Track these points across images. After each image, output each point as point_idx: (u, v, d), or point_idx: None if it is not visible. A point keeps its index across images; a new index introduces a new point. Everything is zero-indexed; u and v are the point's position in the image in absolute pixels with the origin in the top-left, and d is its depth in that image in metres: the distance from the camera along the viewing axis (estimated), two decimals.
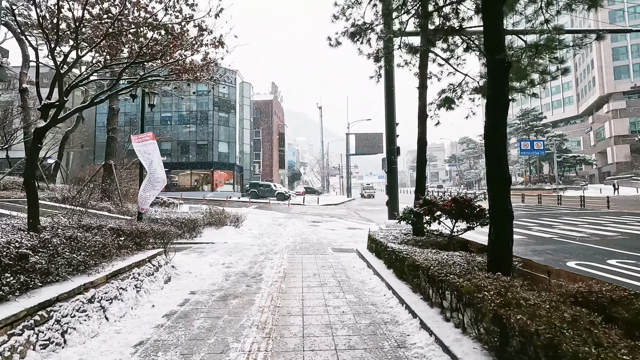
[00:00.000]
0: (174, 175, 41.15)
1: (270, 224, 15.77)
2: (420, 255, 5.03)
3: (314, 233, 13.11)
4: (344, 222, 17.84)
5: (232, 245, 9.76)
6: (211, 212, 11.70)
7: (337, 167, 72.63)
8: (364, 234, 13.63)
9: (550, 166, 59.72)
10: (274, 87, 57.84)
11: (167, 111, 40.40)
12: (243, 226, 12.67)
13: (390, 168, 9.97)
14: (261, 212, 21.36)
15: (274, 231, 13.30)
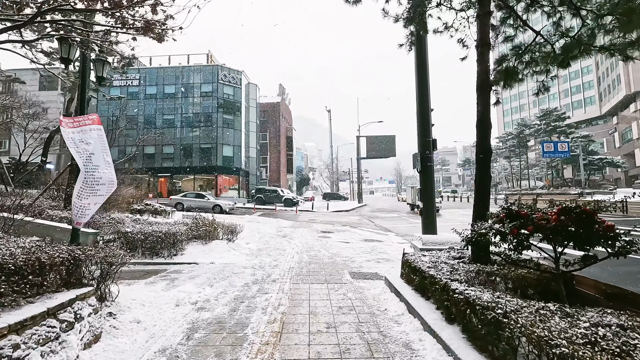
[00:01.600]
0: (177, 181, 39.41)
1: (274, 235, 13.50)
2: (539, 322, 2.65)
3: (324, 247, 10.80)
4: (359, 233, 15.50)
5: (218, 268, 7.52)
6: (197, 223, 9.50)
7: (347, 172, 70.29)
8: (384, 248, 11.30)
9: (575, 169, 56.35)
10: (281, 88, 56.03)
11: (169, 114, 38.76)
12: (239, 239, 10.44)
13: (424, 166, 7.64)
14: (265, 220, 19.15)
15: (276, 245, 11.02)
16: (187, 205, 24.07)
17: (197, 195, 25.29)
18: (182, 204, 24.27)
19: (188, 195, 25.51)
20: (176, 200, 24.79)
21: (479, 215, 5.01)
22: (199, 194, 25.82)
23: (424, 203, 7.70)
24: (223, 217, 17.93)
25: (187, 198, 24.77)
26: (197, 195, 25.46)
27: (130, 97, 38.60)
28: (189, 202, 24.33)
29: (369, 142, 48.86)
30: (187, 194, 25.89)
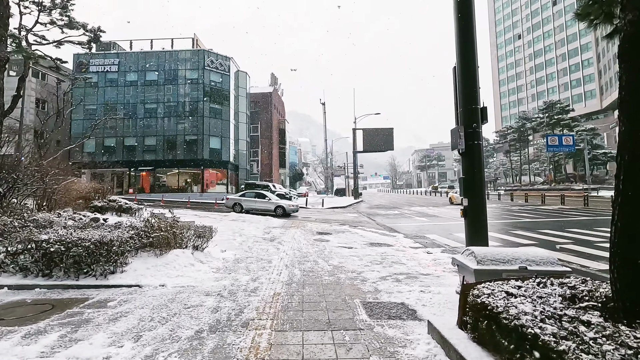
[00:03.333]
0: (161, 175, 36.64)
1: (259, 238, 11.05)
2: None
3: (322, 256, 8.41)
4: (361, 234, 13.14)
5: (168, 296, 5.07)
6: (153, 226, 7.00)
7: (342, 167, 67.96)
8: (397, 255, 8.95)
9: (577, 164, 54.74)
10: (273, 78, 53.21)
11: (151, 102, 35.84)
12: (210, 247, 8.00)
13: (470, 146, 5.25)
14: (252, 219, 16.68)
15: (260, 253, 8.59)
16: (246, 206, 20.15)
17: (256, 195, 20.74)
18: (241, 204, 20.23)
19: (247, 195, 21.05)
20: (234, 200, 20.65)
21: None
22: (259, 193, 21.07)
23: (468, 199, 5.33)
24: (192, 216, 15.53)
25: (246, 198, 20.54)
26: (257, 194, 20.84)
27: (109, 83, 35.58)
28: (249, 203, 20.23)
29: (366, 135, 46.53)
30: (246, 193, 21.45)
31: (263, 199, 20.28)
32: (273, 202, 20.15)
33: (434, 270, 7.49)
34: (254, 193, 21.27)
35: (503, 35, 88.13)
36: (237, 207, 20.35)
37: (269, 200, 20.21)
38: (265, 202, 19.99)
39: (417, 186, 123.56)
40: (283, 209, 19.74)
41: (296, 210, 20.79)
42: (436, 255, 9.34)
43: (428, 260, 8.75)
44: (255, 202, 20.08)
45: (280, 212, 19.65)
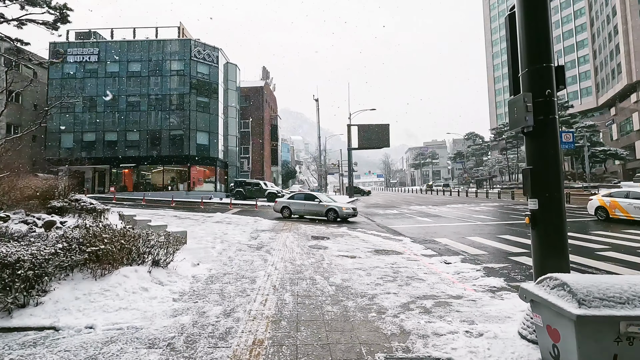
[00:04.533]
0: (146, 173, 34.53)
1: (244, 245, 9.30)
2: None
3: (320, 270, 6.71)
4: (363, 237, 11.49)
5: (89, 350, 3.30)
6: (94, 234, 5.20)
7: (336, 165, 66.33)
8: (412, 267, 7.30)
9: (574, 162, 53.87)
10: (264, 72, 51.16)
11: (134, 94, 33.61)
12: (179, 259, 6.23)
13: (540, 123, 3.56)
14: (240, 220, 14.90)
15: (243, 266, 6.85)
16: (294, 209, 17.67)
17: (306, 197, 18.13)
18: (289, 208, 17.73)
19: (296, 197, 18.36)
20: (282, 203, 18.10)
21: None
22: (309, 194, 18.53)
23: (539, 199, 3.64)
24: (164, 218, 13.77)
25: (294, 201, 17.94)
26: (306, 196, 18.23)
27: (88, 74, 33.25)
28: (297, 205, 17.70)
29: (361, 131, 44.88)
30: (295, 195, 18.71)
31: (312, 201, 17.47)
32: (324, 204, 17.09)
33: (463, 290, 5.85)
34: (303, 195, 18.65)
35: (498, 32, 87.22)
36: (286, 211, 17.76)
37: (320, 202, 17.20)
38: (315, 205, 17.19)
39: (410, 184, 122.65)
40: (335, 213, 16.45)
41: (354, 214, 16.93)
42: (458, 267, 7.73)
43: (450, 273, 7.13)
44: (304, 205, 17.46)
45: (332, 216, 16.43)
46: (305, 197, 18.17)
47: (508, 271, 7.29)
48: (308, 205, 17.44)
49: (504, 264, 7.93)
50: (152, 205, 22.72)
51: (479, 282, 6.45)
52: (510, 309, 4.76)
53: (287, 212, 17.75)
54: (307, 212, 17.47)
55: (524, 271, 7.25)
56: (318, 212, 17.08)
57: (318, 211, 17.06)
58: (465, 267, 7.61)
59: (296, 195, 18.74)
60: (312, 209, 17.23)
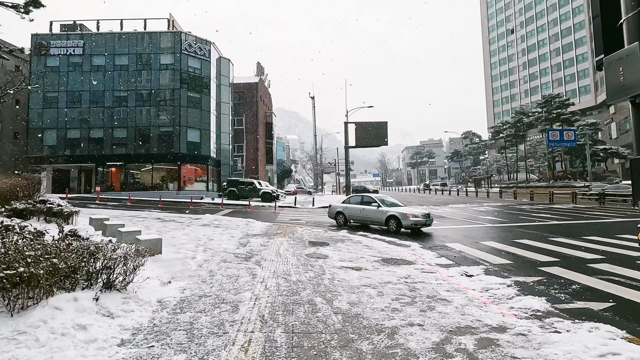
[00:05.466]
0: (135, 171, 33.01)
1: (230, 254, 7.99)
2: None
3: (322, 289, 5.45)
4: (366, 242, 10.28)
5: None
6: (17, 250, 3.85)
7: (332, 163, 65.10)
8: (430, 282, 6.07)
9: (574, 160, 53.11)
10: (259, 68, 49.69)
11: (121, 89, 32.04)
12: (143, 278, 4.92)
13: None
14: (229, 223, 13.58)
15: (224, 287, 5.55)
16: (350, 215, 14.34)
17: (362, 200, 14.50)
18: (344, 214, 14.49)
19: (352, 201, 14.91)
20: (336, 208, 15.02)
21: None
22: (366, 196, 14.76)
23: None
24: (146, 220, 12.44)
25: (350, 205, 14.57)
26: (363, 199, 14.54)
27: (72, 68, 31.62)
28: (353, 210, 14.29)
29: (359, 129, 43.54)
30: (351, 198, 15.14)
31: (368, 206, 13.79)
32: (383, 209, 13.25)
33: (501, 316, 4.65)
34: (359, 197, 14.71)
35: (496, 30, 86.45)
36: (340, 218, 14.52)
37: (378, 207, 13.43)
38: (374, 211, 13.50)
39: (407, 184, 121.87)
40: (398, 222, 12.58)
41: (424, 223, 12.61)
42: (483, 281, 6.50)
43: (477, 290, 5.91)
44: (361, 211, 13.98)
45: (394, 226, 12.67)
46: (362, 201, 14.36)
47: (545, 287, 6.09)
48: (366, 211, 13.80)
49: (536, 277, 6.73)
50: (137, 206, 21.30)
51: (517, 304, 5.24)
52: (581, 350, 3.54)
53: (342, 218, 14.48)
54: (364, 219, 13.97)
55: (565, 288, 6.05)
56: (377, 219, 13.42)
57: (377, 219, 13.40)
58: (492, 282, 6.40)
59: (352, 199, 15.07)
60: (370, 216, 13.63)
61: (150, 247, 7.02)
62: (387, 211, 13.11)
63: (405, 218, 12.48)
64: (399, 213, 12.76)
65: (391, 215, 12.88)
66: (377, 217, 13.34)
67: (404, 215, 12.54)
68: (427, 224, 12.67)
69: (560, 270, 7.09)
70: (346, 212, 14.41)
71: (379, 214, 13.32)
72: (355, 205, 14.36)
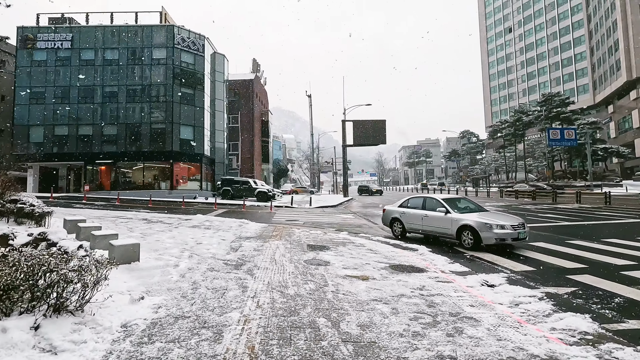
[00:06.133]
0: (127, 170, 31.93)
1: (219, 261, 7.08)
2: None
3: (324, 306, 4.57)
4: (370, 246, 9.40)
5: None
6: None
7: (329, 162, 64.27)
8: (448, 294, 5.14)
9: (574, 160, 52.68)
10: (255, 64, 48.66)
11: (111, 85, 30.92)
12: (108, 292, 4.00)
13: None
14: (221, 224, 12.66)
15: (207, 305, 4.65)
16: (408, 223, 10.93)
17: (423, 205, 10.85)
18: (401, 221, 11.11)
19: (411, 204, 11.27)
20: (392, 213, 11.59)
21: None
22: (429, 199, 11.04)
23: None
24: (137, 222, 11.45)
25: (409, 210, 11.10)
26: (424, 204, 10.85)
27: (60, 62, 30.43)
28: (413, 217, 10.86)
29: (357, 127, 42.75)
30: (411, 201, 11.47)
31: (433, 211, 10.12)
32: (454, 217, 9.62)
33: (546, 343, 3.84)
34: (421, 200, 11.07)
35: (493, 29, 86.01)
36: (397, 226, 11.28)
37: (446, 214, 9.76)
38: (440, 219, 9.89)
39: (404, 183, 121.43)
40: (475, 235, 8.98)
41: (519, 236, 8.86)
42: (509, 292, 5.63)
43: (505, 305, 5.05)
44: (423, 218, 10.42)
45: (469, 241, 9.09)
46: (424, 205, 10.71)
47: (583, 301, 5.25)
48: (430, 218, 10.23)
49: (568, 288, 5.89)
50: (125, 206, 20.28)
51: (558, 323, 4.38)
52: None
53: (399, 227, 11.20)
54: (428, 230, 10.43)
55: (607, 301, 5.21)
56: (444, 231, 9.88)
57: (444, 230, 9.86)
58: (520, 294, 5.54)
59: (411, 201, 11.33)
60: (435, 226, 10.09)
61: (126, 254, 6.12)
62: (459, 219, 9.51)
63: (486, 229, 8.82)
64: (476, 222, 9.09)
65: (465, 225, 9.30)
66: (445, 228, 9.80)
67: (485, 226, 8.87)
68: (520, 237, 8.75)
69: (593, 279, 6.26)
70: (404, 219, 11.01)
71: (446, 222, 9.76)
72: (415, 210, 10.82)
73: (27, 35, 29.88)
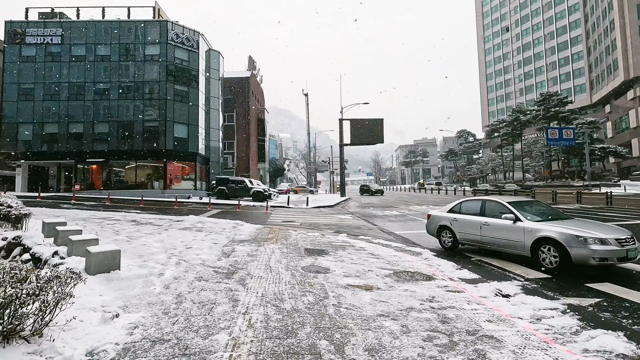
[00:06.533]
0: (119, 169, 31.19)
1: (209, 269, 6.52)
2: None
3: (324, 322, 4.02)
4: (371, 250, 8.88)
5: None
6: None
7: (326, 162, 63.75)
8: (461, 306, 4.53)
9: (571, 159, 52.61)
10: (251, 61, 47.96)
11: (102, 81, 30.12)
12: (74, 309, 3.42)
13: None
14: (214, 226, 12.08)
15: (191, 323, 4.08)
16: (460, 232, 8.62)
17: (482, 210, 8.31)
18: (451, 230, 8.81)
19: (464, 208, 8.84)
20: (439, 220, 9.28)
21: None
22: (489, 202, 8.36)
23: None
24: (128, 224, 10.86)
25: (462, 217, 8.67)
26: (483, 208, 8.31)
27: (50, 58, 29.59)
28: (466, 224, 8.48)
29: (354, 126, 42.26)
30: (463, 204, 8.96)
31: (497, 218, 7.83)
32: (527, 227, 7.22)
33: None
34: (477, 202, 8.66)
35: (490, 28, 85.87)
36: (446, 237, 9.00)
37: (515, 222, 7.46)
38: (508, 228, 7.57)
39: (401, 183, 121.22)
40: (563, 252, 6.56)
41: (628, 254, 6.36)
42: (527, 304, 5.09)
43: (527, 320, 4.52)
44: (483, 227, 8.06)
45: (551, 259, 6.74)
46: (484, 209, 8.27)
47: (611, 315, 4.75)
48: (492, 227, 7.86)
49: (591, 298, 5.39)
50: (115, 207, 19.61)
51: (591, 344, 3.86)
52: None
53: (449, 238, 8.87)
54: (489, 241, 7.99)
55: (637, 314, 4.72)
56: (514, 244, 7.45)
57: (514, 243, 7.44)
58: (539, 306, 5.02)
59: (465, 205, 8.90)
60: (501, 238, 7.69)
61: (104, 262, 5.53)
62: (536, 230, 7.02)
63: (578, 244, 6.38)
64: (561, 234, 6.63)
65: (545, 237, 6.84)
66: (514, 240, 7.39)
67: (576, 240, 6.42)
68: (629, 256, 6.35)
69: (616, 289, 5.77)
70: (456, 228, 8.68)
71: (516, 233, 7.33)
72: (470, 217, 8.39)
73: (15, 30, 29.00)
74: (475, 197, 9.75)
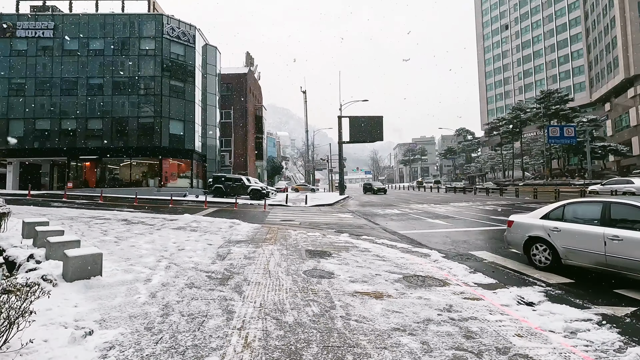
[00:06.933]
0: (114, 167, 30.47)
1: (201, 274, 5.94)
2: None
3: (332, 339, 3.46)
4: (376, 251, 8.34)
5: None
6: None
7: (325, 160, 63.16)
8: (484, 317, 3.94)
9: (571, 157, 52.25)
10: (248, 58, 47.21)
11: (96, 76, 29.37)
12: (44, 322, 2.82)
13: None
14: (209, 226, 11.49)
15: (177, 340, 3.51)
16: (566, 246, 6.09)
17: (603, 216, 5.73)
18: (551, 244, 6.32)
19: (569, 215, 6.36)
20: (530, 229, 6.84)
21: None
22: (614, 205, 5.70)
23: None
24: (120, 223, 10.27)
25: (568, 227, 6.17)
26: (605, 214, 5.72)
27: (42, 52, 28.79)
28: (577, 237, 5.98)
29: (353, 123, 41.65)
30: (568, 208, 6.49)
31: (629, 230, 5.28)
32: None
33: None
34: (598, 205, 5.93)
35: (490, 26, 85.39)
36: (541, 252, 6.62)
37: None
38: None
39: (399, 181, 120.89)
40: None
41: None
42: (558, 316, 4.53)
43: (559, 333, 4.00)
44: (608, 242, 5.45)
45: None
46: (608, 215, 5.68)
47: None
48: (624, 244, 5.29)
49: (624, 307, 4.88)
50: (107, 205, 18.97)
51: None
52: None
53: (545, 252, 6.56)
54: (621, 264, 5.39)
55: None
56: None
57: None
58: (570, 316, 4.49)
59: (573, 208, 6.45)
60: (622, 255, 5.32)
61: (84, 267, 4.95)
62: None
63: None
64: None
65: None
66: None
67: None
68: None
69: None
70: (558, 241, 6.28)
71: None
72: (584, 226, 5.98)
73: (5, 23, 28.17)
74: (586, 200, 6.81)
